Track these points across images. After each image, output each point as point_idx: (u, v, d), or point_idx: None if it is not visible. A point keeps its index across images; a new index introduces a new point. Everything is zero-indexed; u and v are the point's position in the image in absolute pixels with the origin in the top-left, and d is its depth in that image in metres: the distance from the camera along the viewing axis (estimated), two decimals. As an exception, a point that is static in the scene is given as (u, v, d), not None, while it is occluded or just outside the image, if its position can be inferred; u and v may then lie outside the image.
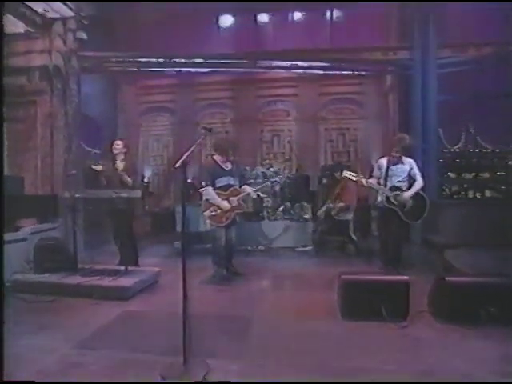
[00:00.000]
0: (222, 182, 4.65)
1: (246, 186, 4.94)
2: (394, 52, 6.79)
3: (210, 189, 4.55)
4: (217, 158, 4.74)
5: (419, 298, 3.45)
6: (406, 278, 3.31)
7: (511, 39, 6.12)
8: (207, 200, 4.58)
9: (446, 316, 3.20)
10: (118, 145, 4.99)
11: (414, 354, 2.71)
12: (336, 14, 7.85)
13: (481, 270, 4.07)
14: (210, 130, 3.00)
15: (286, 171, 7.81)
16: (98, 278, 4.14)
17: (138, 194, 4.36)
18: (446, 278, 3.29)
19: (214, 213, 4.55)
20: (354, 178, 4.77)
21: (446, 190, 7.58)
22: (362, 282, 3.38)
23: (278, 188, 7.30)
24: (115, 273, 4.29)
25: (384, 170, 4.82)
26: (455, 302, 3.17)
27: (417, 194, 4.72)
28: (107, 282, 4.06)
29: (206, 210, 4.57)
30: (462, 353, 2.68)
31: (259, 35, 8.25)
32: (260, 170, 7.34)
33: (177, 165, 2.40)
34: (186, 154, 2.49)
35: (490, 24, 6.12)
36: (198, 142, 2.71)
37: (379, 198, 4.83)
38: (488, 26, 6.19)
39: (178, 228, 6.53)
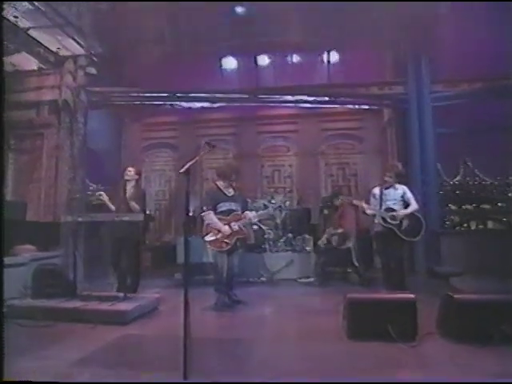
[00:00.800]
0: (224, 207, 4.65)
1: (247, 212, 4.93)
2: (390, 87, 7.08)
3: (211, 213, 4.56)
4: (219, 183, 4.79)
5: (426, 323, 3.31)
6: (412, 296, 3.23)
7: (503, 74, 6.40)
8: (208, 224, 4.56)
9: (456, 335, 3.08)
10: (130, 171, 5.06)
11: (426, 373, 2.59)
12: (333, 54, 8.22)
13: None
14: (213, 146, 3.06)
15: (288, 203, 7.83)
16: (96, 303, 4.04)
17: (140, 217, 4.35)
18: (455, 296, 3.21)
19: (213, 237, 4.50)
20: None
21: (448, 222, 7.54)
22: (368, 302, 3.30)
23: (279, 221, 7.30)
24: (114, 299, 4.19)
25: (378, 196, 5.03)
26: (464, 320, 3.07)
27: (412, 214, 4.88)
28: (106, 306, 3.97)
29: (207, 234, 4.53)
30: (475, 371, 2.56)
31: (260, 76, 8.59)
32: (261, 201, 7.39)
33: (181, 170, 2.46)
34: (190, 163, 2.57)
35: (481, 60, 6.40)
36: (202, 153, 2.80)
37: (376, 221, 4.95)
38: (479, 63, 6.47)
39: (179, 261, 6.46)
